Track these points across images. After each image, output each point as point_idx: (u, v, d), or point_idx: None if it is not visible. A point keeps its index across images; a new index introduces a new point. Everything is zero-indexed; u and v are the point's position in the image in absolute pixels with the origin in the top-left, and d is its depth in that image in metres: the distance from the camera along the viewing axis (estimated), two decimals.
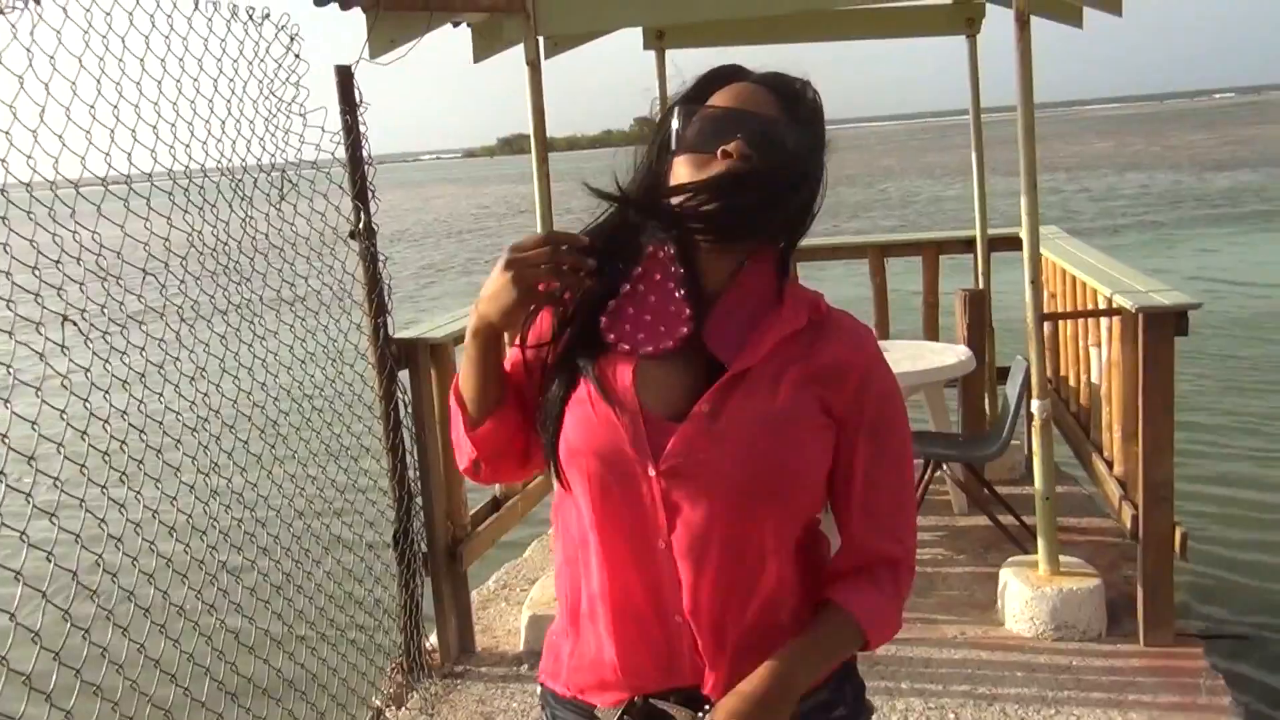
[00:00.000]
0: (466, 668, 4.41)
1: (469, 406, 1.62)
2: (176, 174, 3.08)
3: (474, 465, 1.68)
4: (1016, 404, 5.05)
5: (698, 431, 1.47)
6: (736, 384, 1.48)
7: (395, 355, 4.19)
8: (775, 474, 1.48)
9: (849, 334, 1.56)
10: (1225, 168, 36.92)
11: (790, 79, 1.55)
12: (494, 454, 1.66)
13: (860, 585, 1.56)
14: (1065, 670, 4.03)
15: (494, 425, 1.62)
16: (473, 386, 1.60)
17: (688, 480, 1.47)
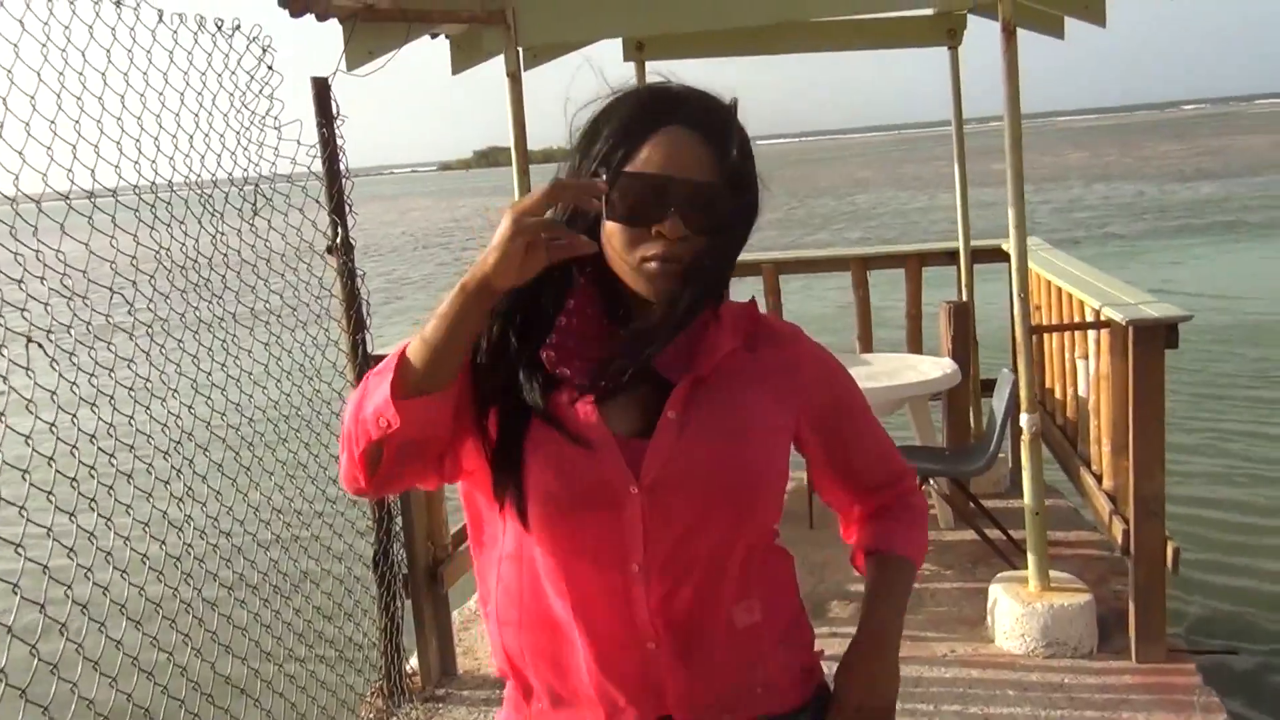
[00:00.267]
0: (448, 691, 4.32)
1: (415, 369, 1.35)
2: (143, 189, 2.99)
3: (371, 452, 1.39)
4: (1004, 417, 4.99)
5: (670, 440, 1.48)
6: (695, 391, 1.50)
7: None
8: (747, 474, 1.51)
9: (784, 333, 1.64)
10: (1188, 179, 37.28)
11: (716, 109, 1.47)
12: (412, 440, 1.38)
13: (893, 527, 1.74)
14: (1058, 688, 3.97)
15: (432, 402, 1.37)
16: (434, 345, 1.34)
17: (668, 492, 1.47)
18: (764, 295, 6.47)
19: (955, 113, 6.07)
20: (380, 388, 1.36)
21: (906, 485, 1.78)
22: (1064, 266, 5.39)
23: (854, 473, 1.74)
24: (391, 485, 1.48)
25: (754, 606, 1.56)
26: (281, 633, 3.78)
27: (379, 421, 1.36)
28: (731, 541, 1.51)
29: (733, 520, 1.50)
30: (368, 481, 1.44)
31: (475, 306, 1.34)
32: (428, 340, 1.35)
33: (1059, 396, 5.45)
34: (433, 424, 1.40)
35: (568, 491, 1.46)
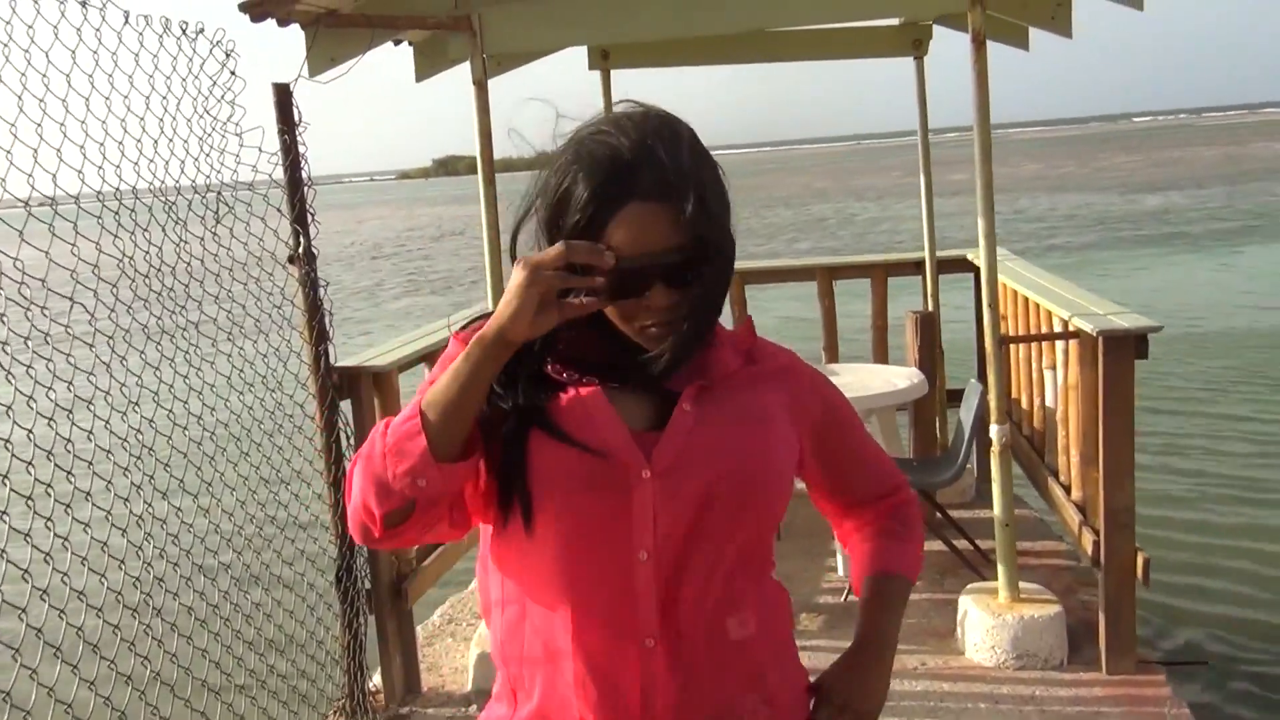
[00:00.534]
0: (412, 709, 4.24)
1: (445, 430, 1.38)
2: (106, 195, 2.91)
3: (399, 511, 1.41)
4: (972, 428, 4.98)
5: (686, 427, 1.50)
6: (705, 391, 1.54)
7: (337, 385, 4.02)
8: (760, 465, 1.53)
9: (779, 351, 1.67)
10: (1137, 191, 37.75)
11: (673, 169, 1.43)
12: (441, 499, 1.43)
13: (889, 546, 1.76)
14: (1029, 701, 3.95)
15: (456, 469, 1.40)
16: (460, 404, 1.38)
17: (682, 477, 1.48)
18: (729, 305, 6.42)
19: (921, 123, 6.07)
20: (413, 447, 1.38)
21: (902, 497, 1.80)
22: (1031, 277, 5.40)
23: (850, 487, 1.77)
24: (406, 538, 1.49)
25: (749, 620, 1.54)
26: (242, 653, 3.69)
27: (415, 482, 1.38)
28: (735, 535, 1.51)
29: (740, 509, 1.50)
30: (384, 535, 1.46)
31: (492, 358, 1.38)
32: (448, 399, 1.38)
33: (1025, 406, 5.45)
34: (462, 479, 1.44)
35: (580, 470, 1.46)
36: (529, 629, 1.53)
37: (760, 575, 1.60)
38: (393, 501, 1.41)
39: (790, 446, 1.60)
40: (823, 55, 6.25)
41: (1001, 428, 4.16)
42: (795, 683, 1.66)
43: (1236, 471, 8.10)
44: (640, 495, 1.47)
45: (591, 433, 1.48)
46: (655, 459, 1.48)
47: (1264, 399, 10.23)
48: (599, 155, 1.44)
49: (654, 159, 1.43)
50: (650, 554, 1.46)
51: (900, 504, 1.80)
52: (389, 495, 1.40)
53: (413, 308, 20.43)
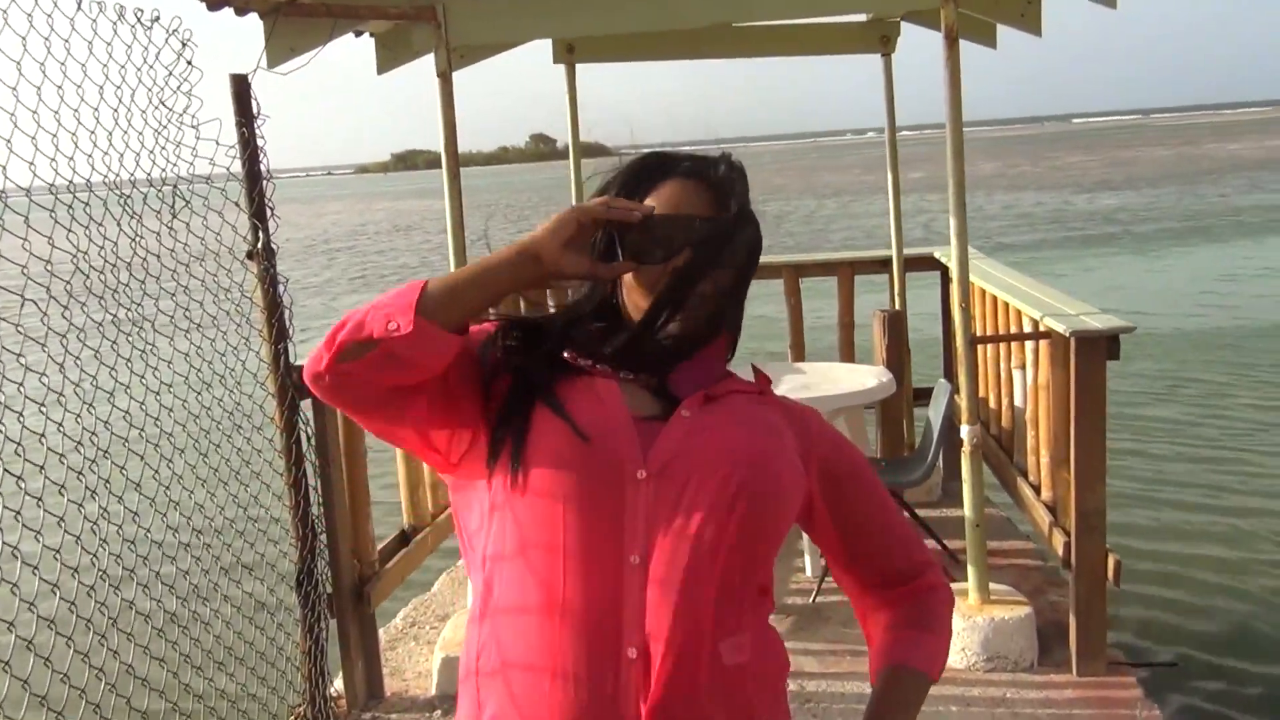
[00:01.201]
0: (375, 714, 4.15)
1: (441, 300, 1.39)
2: (58, 188, 2.80)
3: (358, 346, 1.37)
4: (941, 428, 4.96)
5: (684, 428, 1.48)
6: (709, 399, 1.52)
7: (297, 384, 3.92)
8: (762, 474, 1.48)
9: (794, 403, 1.63)
10: (1090, 190, 38.13)
11: (711, 159, 1.56)
12: (402, 357, 1.37)
13: (908, 637, 1.63)
14: (1000, 703, 3.93)
15: (446, 336, 1.39)
16: (462, 283, 1.40)
17: (676, 481, 1.44)
18: None
19: (888, 120, 6.05)
20: (399, 300, 1.38)
21: (929, 581, 1.67)
22: (1000, 276, 5.37)
23: (870, 558, 1.65)
24: (350, 386, 1.42)
25: (744, 644, 1.46)
26: (200, 661, 3.58)
27: (388, 323, 1.37)
28: (733, 550, 1.43)
29: (740, 519, 1.44)
30: (330, 366, 1.39)
31: (513, 266, 1.41)
32: (459, 278, 1.41)
33: (993, 406, 5.44)
34: (433, 356, 1.40)
35: (576, 456, 1.43)
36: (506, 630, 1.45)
37: (758, 607, 1.51)
38: (358, 333, 1.38)
39: (796, 469, 1.53)
40: (790, 51, 6.21)
41: (973, 428, 4.13)
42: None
43: (1198, 474, 8.15)
44: (633, 496, 1.42)
45: (596, 414, 1.46)
46: (651, 458, 1.44)
47: (1213, 399, 10.32)
48: (640, 155, 1.58)
49: (696, 154, 1.57)
50: (641, 558, 1.40)
51: (926, 590, 1.67)
52: (358, 328, 1.38)
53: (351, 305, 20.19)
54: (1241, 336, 13.00)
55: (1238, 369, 11.38)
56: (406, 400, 1.44)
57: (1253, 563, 6.39)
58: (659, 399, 1.52)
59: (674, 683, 1.39)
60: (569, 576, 1.40)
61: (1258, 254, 20.04)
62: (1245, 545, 6.65)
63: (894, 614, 1.66)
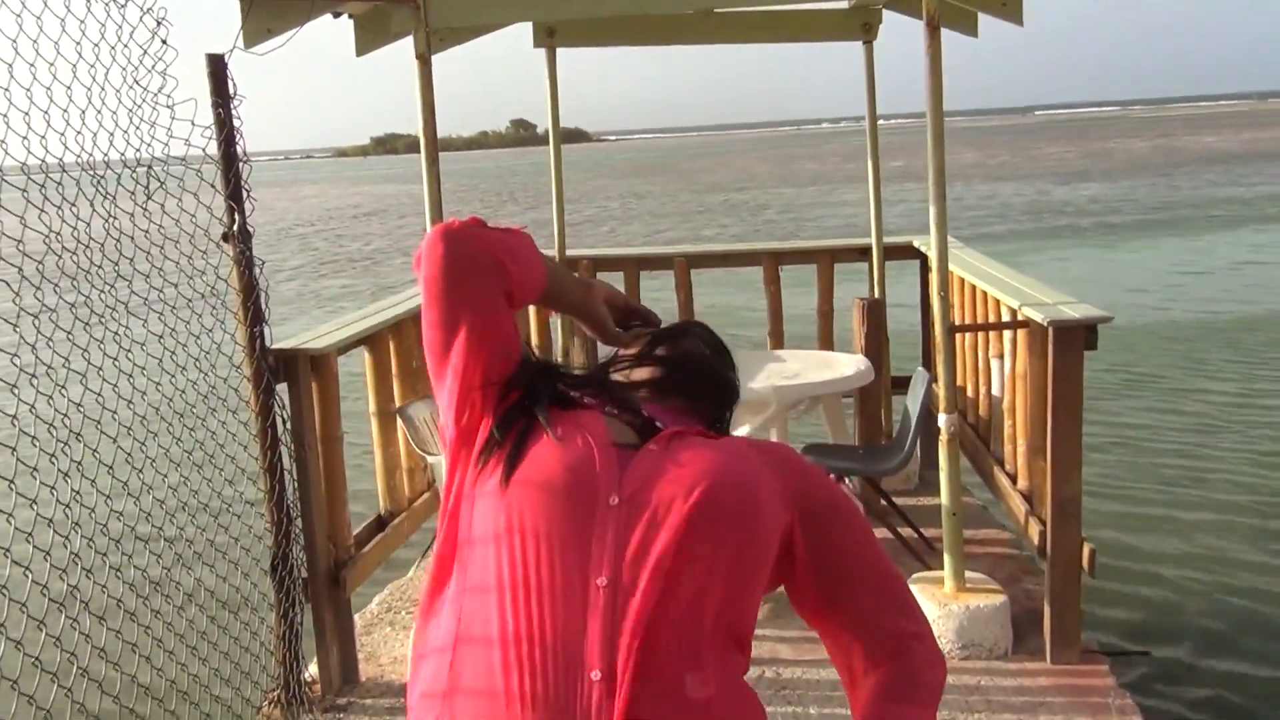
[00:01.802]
0: (350, 700, 4.13)
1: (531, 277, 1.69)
2: (30, 168, 2.76)
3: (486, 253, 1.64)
4: (919, 416, 4.96)
5: (657, 458, 1.50)
6: (678, 436, 1.56)
7: (272, 367, 3.89)
8: (731, 506, 1.45)
9: (767, 441, 1.67)
10: (1070, 181, 38.27)
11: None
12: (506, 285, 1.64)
13: (906, 707, 1.52)
14: (974, 690, 3.94)
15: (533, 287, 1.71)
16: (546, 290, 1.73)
17: (648, 508, 1.43)
18: (675, 290, 6.38)
19: (869, 109, 6.03)
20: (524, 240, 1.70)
21: (916, 657, 1.55)
22: (979, 265, 5.38)
23: (851, 601, 1.56)
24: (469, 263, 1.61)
25: (709, 680, 1.40)
26: (174, 645, 3.56)
27: (519, 255, 1.66)
28: (708, 583, 1.41)
29: (714, 547, 1.42)
30: (462, 228, 1.63)
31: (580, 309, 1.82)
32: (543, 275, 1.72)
33: (971, 395, 5.45)
34: (527, 282, 1.68)
35: (551, 473, 1.46)
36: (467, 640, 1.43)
37: (726, 655, 1.45)
38: (493, 244, 1.64)
39: (774, 495, 1.51)
40: (771, 38, 6.19)
41: (950, 417, 4.14)
42: None
43: (1171, 462, 8.20)
44: (603, 519, 1.43)
45: (581, 437, 1.52)
46: (624, 484, 1.46)
47: (1188, 389, 10.38)
48: None
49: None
50: (610, 580, 1.38)
51: (911, 655, 1.54)
52: (498, 243, 1.65)
53: (325, 289, 20.18)
54: (1212, 329, 13.09)
55: (1201, 361, 11.46)
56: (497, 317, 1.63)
57: (1223, 553, 6.44)
58: (639, 434, 1.58)
59: (639, 706, 1.34)
60: (542, 582, 1.39)
61: (1227, 246, 20.16)
62: (1215, 536, 6.71)
63: (877, 683, 1.54)
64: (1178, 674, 4.94)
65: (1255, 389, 10.26)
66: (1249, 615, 5.62)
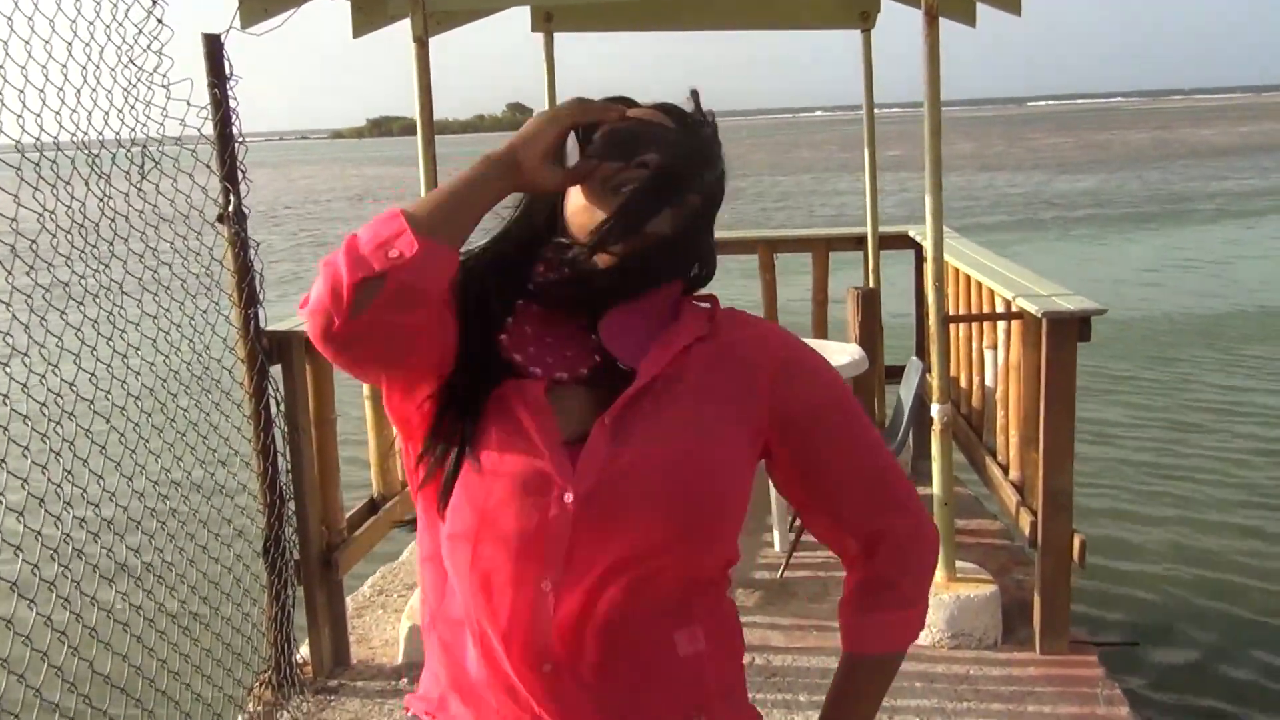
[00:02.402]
0: (341, 682, 4.14)
1: (431, 215, 1.31)
2: (25, 147, 2.75)
3: (367, 286, 1.25)
4: (912, 406, 4.97)
5: (603, 446, 1.35)
6: (642, 397, 1.38)
7: (266, 349, 3.89)
8: (693, 490, 1.35)
9: (752, 335, 1.47)
10: (1069, 172, 38.29)
11: (681, 105, 1.49)
12: (413, 286, 1.27)
13: (872, 620, 1.49)
14: (963, 680, 3.96)
15: (446, 249, 1.30)
16: (444, 199, 1.33)
17: (603, 504, 1.32)
18: None
19: (866, 97, 6.03)
20: (386, 226, 1.29)
21: (904, 547, 1.48)
22: (973, 255, 5.38)
23: (837, 506, 1.48)
24: (370, 339, 1.29)
25: (698, 635, 1.39)
26: (166, 626, 3.56)
27: (387, 252, 1.26)
28: (677, 568, 1.35)
29: (680, 543, 1.34)
30: (344, 323, 1.26)
31: (496, 178, 1.36)
32: (441, 198, 1.34)
33: (964, 385, 5.46)
34: (441, 275, 1.31)
35: (502, 469, 1.35)
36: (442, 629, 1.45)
37: (714, 597, 1.44)
38: (359, 272, 1.25)
39: (743, 457, 1.41)
40: (770, 25, 6.18)
41: (943, 407, 4.15)
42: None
43: (1159, 457, 8.22)
44: (555, 516, 1.32)
45: (530, 443, 1.36)
46: (576, 481, 1.33)
47: (1179, 380, 10.40)
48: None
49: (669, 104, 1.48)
50: (555, 583, 1.32)
51: (883, 549, 1.48)
52: (357, 268, 1.26)
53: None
54: (1209, 321, 13.12)
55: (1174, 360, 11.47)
56: (417, 341, 1.35)
57: (1212, 545, 6.46)
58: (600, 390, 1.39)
59: (616, 691, 1.35)
60: (484, 598, 1.35)
61: (1229, 237, 20.20)
62: (1205, 529, 6.73)
63: (851, 592, 1.52)
64: (1166, 665, 4.96)
65: (1235, 384, 10.29)
66: (1235, 606, 5.65)
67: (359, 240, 1.28)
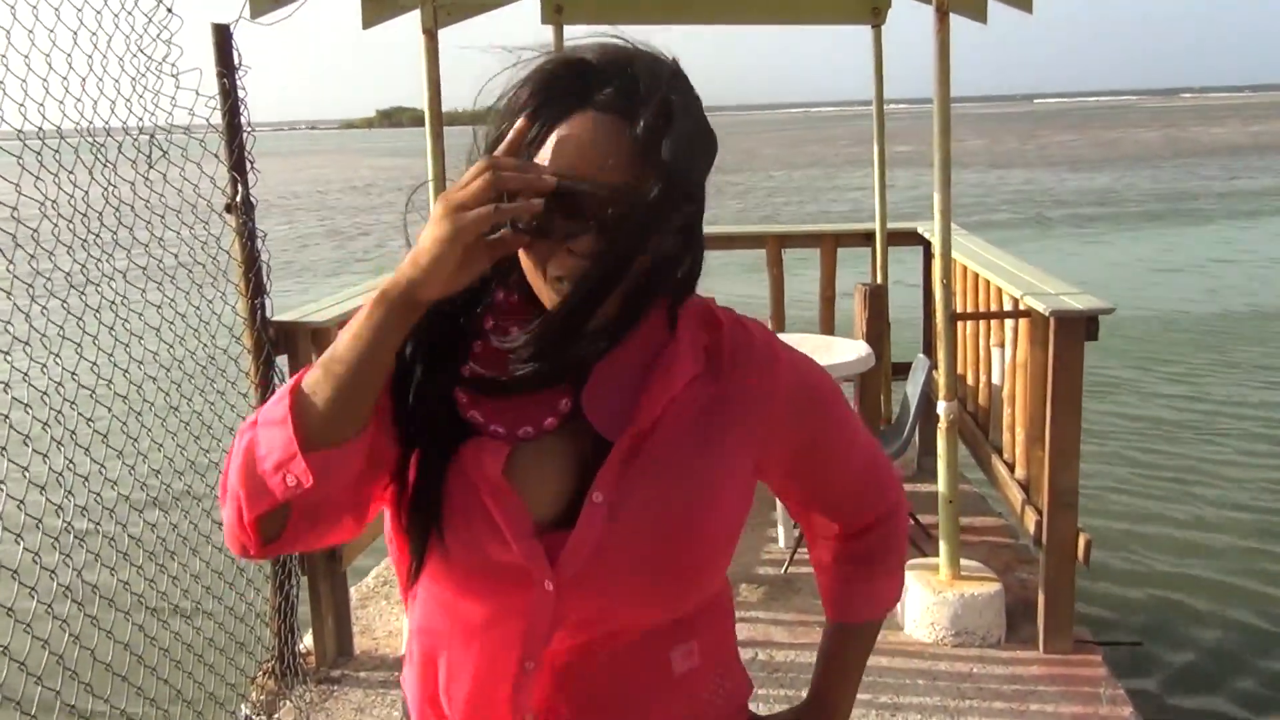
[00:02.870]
0: (344, 672, 4.15)
1: (319, 409, 1.11)
2: (28, 134, 2.75)
3: (273, 516, 1.15)
4: (918, 403, 4.96)
5: (596, 531, 1.21)
6: (632, 457, 1.23)
7: (273, 339, 3.89)
8: (690, 552, 1.25)
9: (755, 350, 1.31)
10: (1080, 169, 38.15)
11: (641, 77, 1.15)
12: (327, 498, 1.15)
13: (857, 591, 1.53)
14: (966, 678, 3.95)
15: (350, 449, 1.14)
16: (346, 374, 1.10)
17: (588, 588, 1.22)
18: None
19: (876, 93, 6.01)
20: (279, 438, 1.11)
21: (887, 526, 1.51)
22: (982, 253, 5.36)
23: (831, 507, 1.49)
24: (294, 548, 1.22)
25: (693, 649, 1.33)
26: (169, 615, 3.57)
27: (285, 480, 1.11)
28: (671, 614, 1.29)
29: (675, 600, 1.27)
30: (260, 550, 1.18)
31: (398, 321, 1.12)
32: (337, 367, 1.11)
33: (971, 383, 5.44)
34: (351, 469, 1.15)
35: (471, 553, 1.22)
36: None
37: (717, 597, 1.38)
38: (264, 503, 1.13)
39: (742, 503, 1.31)
40: (782, 19, 6.16)
41: (950, 404, 4.13)
42: (731, 707, 1.42)
43: (1165, 457, 8.19)
44: (536, 602, 1.22)
45: (493, 525, 1.21)
46: (559, 567, 1.21)
47: (1187, 381, 10.36)
48: (554, 58, 1.17)
49: (622, 69, 1.15)
50: (537, 663, 1.25)
51: (884, 533, 1.51)
52: (258, 499, 1.13)
53: (320, 261, 20.17)
54: (1218, 320, 13.06)
55: (1201, 353, 11.43)
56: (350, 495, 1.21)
57: (1216, 545, 6.44)
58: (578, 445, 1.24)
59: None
60: (460, 689, 1.30)
61: (1240, 236, 20.12)
62: (1209, 528, 6.70)
63: (835, 564, 1.53)
64: (1169, 665, 4.94)
65: (1244, 383, 10.25)
66: (1241, 608, 5.62)
67: (253, 458, 1.13)
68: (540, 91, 1.15)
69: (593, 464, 1.23)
